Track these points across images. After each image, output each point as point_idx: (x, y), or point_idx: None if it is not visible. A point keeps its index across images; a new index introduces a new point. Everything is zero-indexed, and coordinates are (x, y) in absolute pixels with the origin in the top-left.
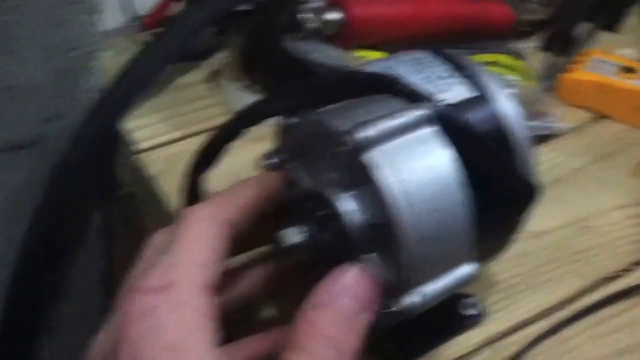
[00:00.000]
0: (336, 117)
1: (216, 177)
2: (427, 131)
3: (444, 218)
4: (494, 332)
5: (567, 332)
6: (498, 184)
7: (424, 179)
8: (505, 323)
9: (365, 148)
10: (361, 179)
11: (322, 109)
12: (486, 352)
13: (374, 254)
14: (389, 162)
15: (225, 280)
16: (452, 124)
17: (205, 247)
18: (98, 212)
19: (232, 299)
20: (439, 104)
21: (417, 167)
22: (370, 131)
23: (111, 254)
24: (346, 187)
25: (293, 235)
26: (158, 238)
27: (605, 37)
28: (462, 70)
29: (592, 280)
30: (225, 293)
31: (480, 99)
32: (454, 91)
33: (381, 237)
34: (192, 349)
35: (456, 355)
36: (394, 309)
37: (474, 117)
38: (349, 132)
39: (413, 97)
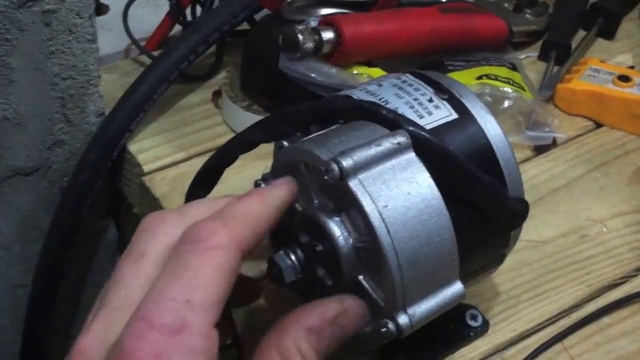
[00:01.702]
0: (320, 145)
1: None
2: (407, 157)
3: (427, 241)
4: (497, 343)
5: (569, 341)
6: (486, 205)
7: (406, 205)
8: (509, 333)
9: (348, 176)
10: (346, 206)
11: (306, 138)
12: None
13: (362, 276)
14: (371, 189)
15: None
16: (431, 149)
17: (221, 284)
18: (113, 231)
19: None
20: (419, 129)
21: (399, 193)
22: (352, 160)
23: None
24: (333, 212)
25: (285, 260)
26: (149, 222)
27: (600, 44)
28: (443, 92)
29: (594, 289)
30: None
31: (461, 121)
32: (435, 115)
33: (368, 260)
34: None
35: None
36: (383, 330)
37: (453, 140)
38: (331, 162)
39: (394, 123)
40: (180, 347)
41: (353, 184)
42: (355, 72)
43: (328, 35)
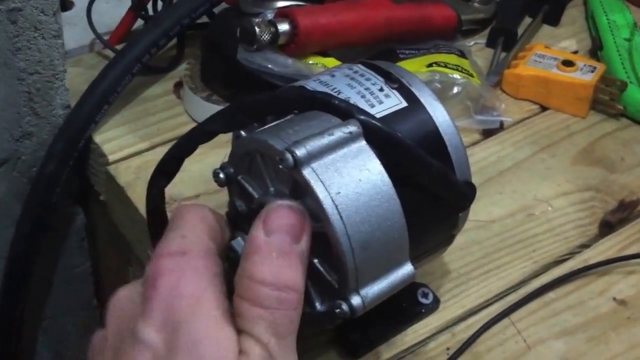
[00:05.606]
0: (274, 135)
1: (184, 183)
2: (358, 146)
3: (378, 226)
4: (448, 319)
5: (516, 315)
6: (436, 189)
7: (358, 191)
8: (458, 309)
9: (302, 165)
10: (300, 193)
11: (262, 128)
12: (441, 338)
13: (316, 260)
14: (324, 177)
15: None
16: (382, 137)
17: (204, 224)
18: (82, 217)
19: None
20: (369, 118)
21: (351, 180)
22: (305, 149)
23: (96, 254)
24: (288, 199)
25: (242, 245)
26: None
27: (546, 30)
28: (393, 82)
29: (539, 265)
30: None
31: (410, 109)
32: (385, 104)
33: (322, 244)
34: (207, 298)
35: (413, 342)
36: (337, 310)
37: (403, 127)
38: (285, 151)
39: (346, 113)
40: (187, 263)
41: (306, 172)
42: (310, 62)
43: (284, 27)
